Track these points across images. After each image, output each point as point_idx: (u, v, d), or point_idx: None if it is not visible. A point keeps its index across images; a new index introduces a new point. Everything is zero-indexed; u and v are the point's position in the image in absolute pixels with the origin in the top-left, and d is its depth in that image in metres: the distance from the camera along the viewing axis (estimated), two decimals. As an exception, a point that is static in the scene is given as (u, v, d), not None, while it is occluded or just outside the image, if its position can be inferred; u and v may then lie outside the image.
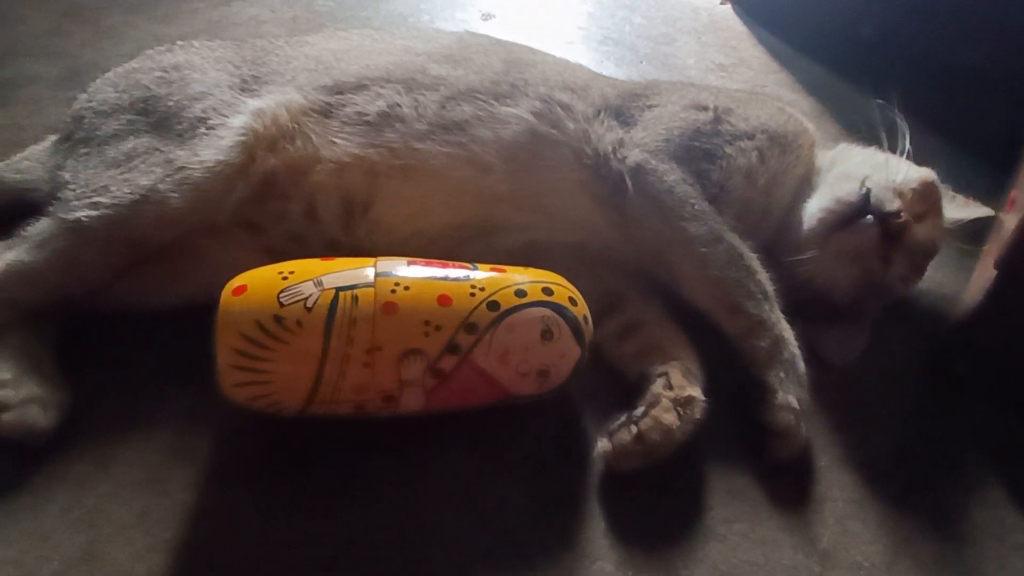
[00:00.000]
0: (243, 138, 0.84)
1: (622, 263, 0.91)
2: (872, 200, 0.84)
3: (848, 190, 0.86)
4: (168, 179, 0.81)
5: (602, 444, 0.77)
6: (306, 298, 0.70)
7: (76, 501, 0.72)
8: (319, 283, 0.72)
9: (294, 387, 0.71)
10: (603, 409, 0.82)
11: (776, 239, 0.90)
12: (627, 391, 0.82)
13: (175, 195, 0.81)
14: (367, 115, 0.88)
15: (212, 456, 0.77)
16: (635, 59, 1.52)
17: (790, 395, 0.78)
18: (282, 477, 0.75)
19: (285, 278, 0.72)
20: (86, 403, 0.79)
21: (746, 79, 1.47)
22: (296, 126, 0.87)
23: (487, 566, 0.70)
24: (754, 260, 0.84)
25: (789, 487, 0.79)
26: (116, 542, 0.69)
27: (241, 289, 0.72)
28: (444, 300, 0.73)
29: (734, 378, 0.82)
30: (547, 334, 0.74)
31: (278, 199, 0.88)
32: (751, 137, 0.90)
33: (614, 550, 0.72)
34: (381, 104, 0.89)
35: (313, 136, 0.87)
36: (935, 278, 1.01)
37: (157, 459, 0.76)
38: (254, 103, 0.87)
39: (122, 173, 0.82)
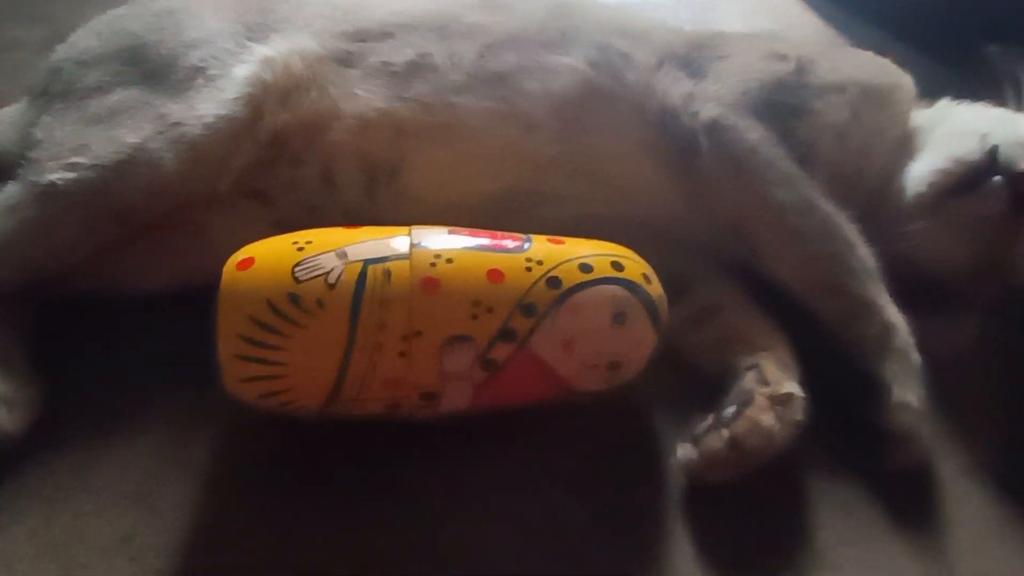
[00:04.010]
0: (249, 90, 0.71)
1: (691, 239, 0.78)
2: (1000, 158, 0.71)
3: (967, 148, 0.73)
4: (160, 136, 0.68)
5: (684, 451, 0.64)
6: (327, 273, 0.57)
7: (47, 521, 0.59)
8: (342, 255, 0.59)
9: (313, 382, 0.58)
10: (677, 408, 0.69)
11: (871, 210, 0.76)
12: (704, 387, 0.69)
13: (168, 155, 0.68)
14: (394, 65, 0.76)
15: (213, 467, 0.64)
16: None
17: (908, 392, 0.65)
18: (296, 492, 0.62)
19: (301, 249, 0.59)
20: (62, 403, 0.66)
21: (799, 48, 1.33)
22: (311, 76, 0.74)
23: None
24: (854, 232, 0.71)
25: (910, 502, 0.65)
26: (94, 571, 0.56)
27: (247, 263, 0.59)
28: (495, 276, 0.60)
29: (833, 372, 0.68)
30: (619, 317, 0.61)
31: (290, 164, 0.75)
32: (841, 90, 0.77)
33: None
34: (410, 53, 0.76)
35: (331, 87, 0.74)
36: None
37: (146, 470, 0.63)
38: (262, 50, 0.74)
39: (105, 130, 0.69)
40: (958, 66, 0.94)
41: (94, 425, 0.66)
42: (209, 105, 0.70)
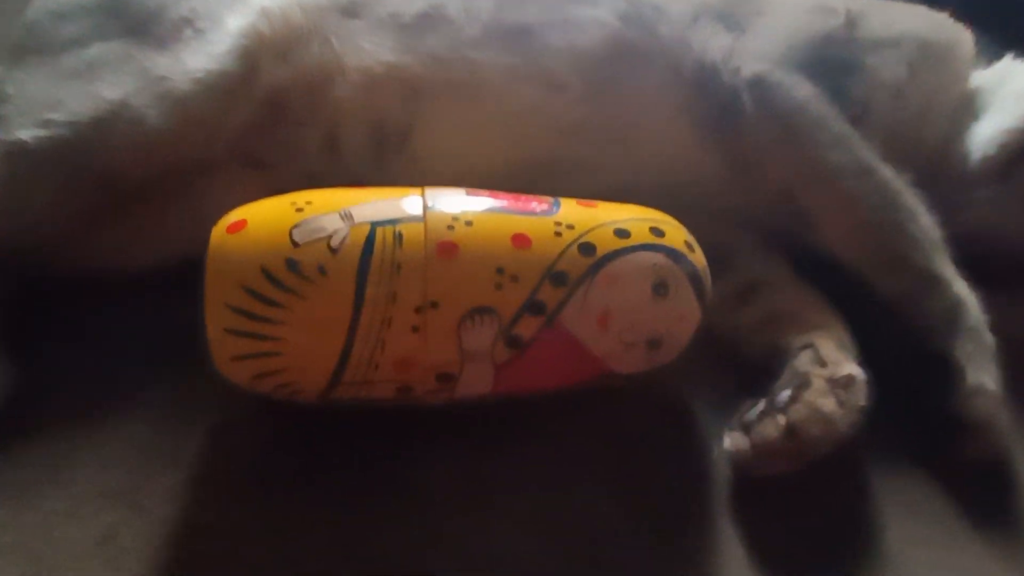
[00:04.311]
0: (244, 42, 0.65)
1: (732, 210, 0.71)
2: (1079, 118, 0.64)
3: None
4: (144, 92, 0.62)
5: (733, 441, 0.56)
6: (330, 235, 0.50)
7: (14, 521, 0.52)
8: (347, 216, 0.51)
9: (314, 361, 0.51)
10: (718, 396, 0.62)
11: (931, 177, 0.68)
12: (746, 373, 0.62)
13: (153, 112, 0.61)
14: (403, 16, 0.69)
15: (203, 461, 0.57)
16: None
17: (983, 374, 0.58)
18: (295, 488, 0.55)
19: (300, 210, 0.52)
20: (36, 391, 0.59)
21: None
22: (312, 27, 0.67)
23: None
24: (916, 199, 0.64)
25: (988, 498, 0.58)
26: (66, 577, 0.49)
27: (239, 225, 0.52)
28: (521, 241, 0.52)
29: (895, 355, 0.61)
30: (660, 288, 0.54)
31: (290, 125, 0.68)
32: (896, 45, 0.70)
33: (761, 586, 0.52)
34: (420, 3, 0.69)
35: (334, 40, 0.68)
36: None
37: (129, 465, 0.56)
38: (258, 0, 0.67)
39: (83, 85, 0.62)
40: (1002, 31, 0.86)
41: (71, 414, 0.58)
42: (199, 59, 0.63)
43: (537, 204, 0.56)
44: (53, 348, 0.62)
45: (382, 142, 0.68)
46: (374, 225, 0.51)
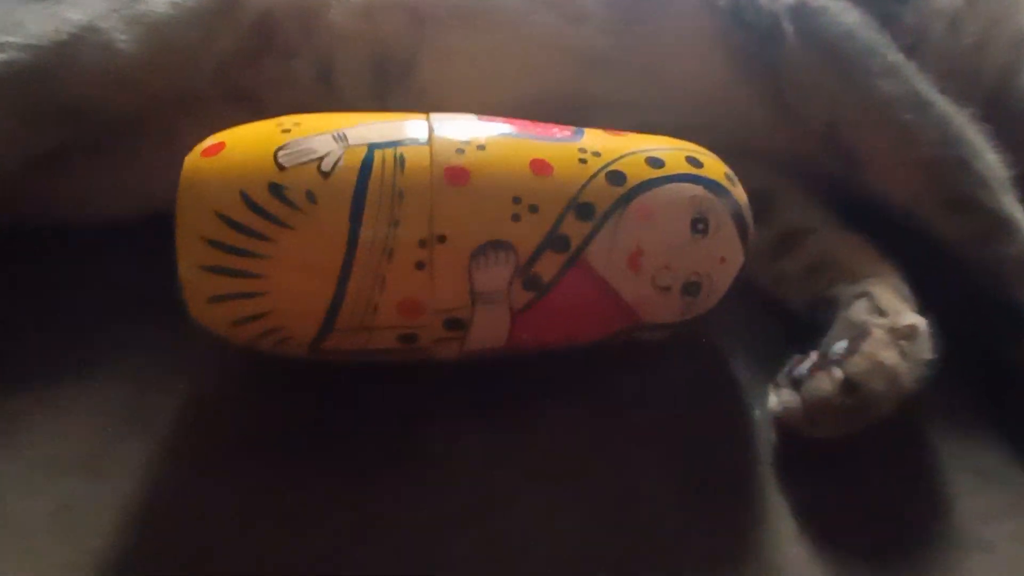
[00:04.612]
0: (227, -39, 0.57)
1: (769, 153, 0.63)
2: None
3: None
4: (114, 15, 0.55)
5: (781, 399, 0.49)
6: (321, 158, 0.43)
7: (-43, 489, 0.45)
8: (341, 137, 0.45)
9: (303, 302, 0.44)
10: (759, 351, 0.55)
11: (990, 116, 0.61)
12: (792, 327, 0.55)
13: (124, 38, 0.55)
14: (403, -65, 0.62)
15: (176, 427, 0.50)
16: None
17: (1059, 326, 0.50)
18: (283, 460, 0.48)
19: (287, 131, 0.46)
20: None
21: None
22: None
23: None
24: (980, 134, 0.56)
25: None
26: (11, 555, 0.42)
27: (216, 148, 0.45)
28: (541, 167, 0.45)
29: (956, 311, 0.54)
30: (699, 225, 0.47)
31: (279, 55, 0.61)
32: (951, -30, 0.63)
33: (817, 563, 0.45)
34: (422, -79, 0.62)
35: (329, -43, 0.60)
36: None
37: (90, 429, 0.49)
38: (242, -87, 0.60)
39: (46, 6, 0.55)
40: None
41: (25, 376, 0.52)
42: (177, -22, 0.56)
43: (558, 131, 0.49)
44: (13, 302, 0.55)
45: (382, 73, 0.61)
46: (372, 147, 0.44)
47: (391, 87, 0.61)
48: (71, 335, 0.54)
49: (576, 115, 0.61)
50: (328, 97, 0.61)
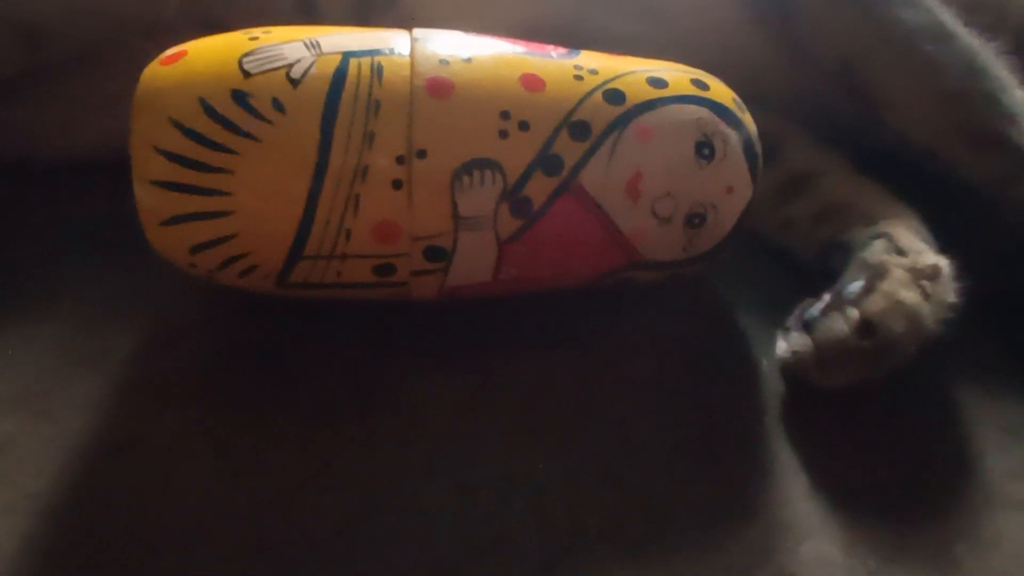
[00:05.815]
0: None
1: (779, 95, 0.59)
2: None
3: None
4: (74, -68, 0.51)
5: (791, 343, 0.45)
6: (291, 65, 0.39)
7: None
8: (314, 44, 0.41)
9: (270, 223, 0.40)
10: (765, 298, 0.51)
11: (1016, 55, 0.57)
12: (802, 274, 0.51)
13: (84, -44, 0.50)
14: None
15: (134, 365, 0.46)
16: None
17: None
18: (249, 401, 0.44)
19: (255, 39, 0.41)
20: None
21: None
22: None
23: (614, 548, 0.38)
24: (1008, 70, 0.52)
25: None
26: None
27: (177, 56, 0.41)
28: (532, 82, 0.41)
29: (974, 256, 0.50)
30: (705, 149, 0.43)
31: (256, -19, 0.56)
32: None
33: (832, 522, 0.41)
34: None
35: None
36: None
37: (40, 366, 0.45)
38: None
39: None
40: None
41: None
42: None
43: (553, 50, 0.45)
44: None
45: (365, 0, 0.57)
46: (347, 55, 0.40)
47: (375, 13, 0.57)
48: (20, 272, 0.50)
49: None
50: (306, 23, 0.57)
